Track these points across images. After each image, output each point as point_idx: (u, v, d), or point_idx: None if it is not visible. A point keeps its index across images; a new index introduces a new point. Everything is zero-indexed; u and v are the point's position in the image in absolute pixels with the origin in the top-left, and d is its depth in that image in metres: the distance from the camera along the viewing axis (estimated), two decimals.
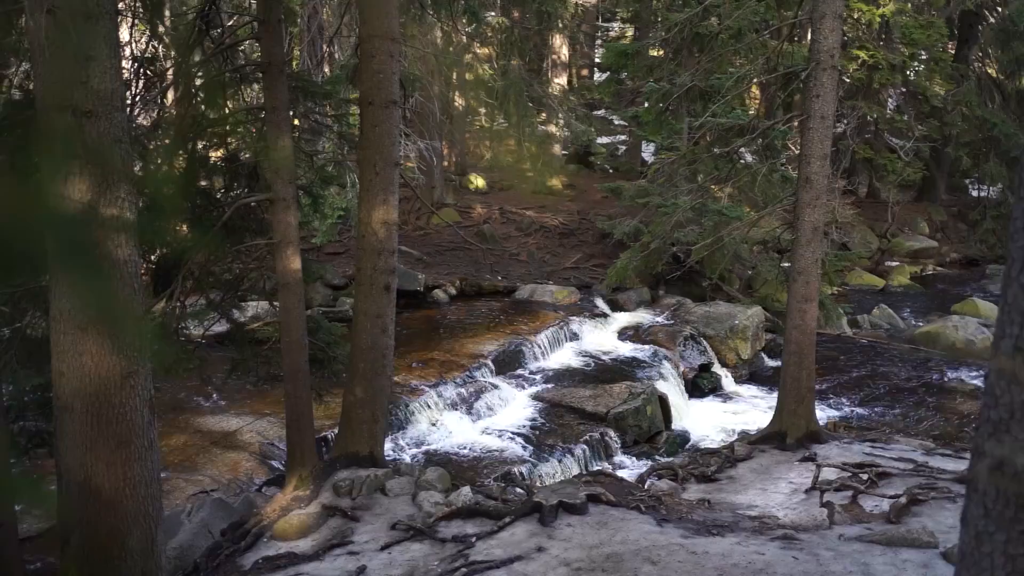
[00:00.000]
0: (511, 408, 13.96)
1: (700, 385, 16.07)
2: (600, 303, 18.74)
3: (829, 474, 9.23)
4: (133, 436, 6.02)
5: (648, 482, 9.99)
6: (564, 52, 26.83)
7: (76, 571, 6.18)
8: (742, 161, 14.43)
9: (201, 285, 9.48)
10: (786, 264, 14.12)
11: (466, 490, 8.33)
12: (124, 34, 9.08)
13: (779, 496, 9.13)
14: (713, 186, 16.19)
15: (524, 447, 12.65)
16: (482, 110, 28.92)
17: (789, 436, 10.84)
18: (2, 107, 8.74)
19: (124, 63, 7.91)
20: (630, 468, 12.42)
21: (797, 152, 12.29)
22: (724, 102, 13.02)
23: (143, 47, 11.33)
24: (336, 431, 10.51)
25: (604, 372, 15.50)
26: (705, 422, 14.61)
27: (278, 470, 11.16)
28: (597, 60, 31.56)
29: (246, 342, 9.70)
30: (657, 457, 12.96)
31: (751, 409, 15.23)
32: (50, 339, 6.09)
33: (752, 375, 17.08)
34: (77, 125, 5.72)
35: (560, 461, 12.28)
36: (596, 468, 12.16)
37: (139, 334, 6.07)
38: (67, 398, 6.06)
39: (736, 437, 13.09)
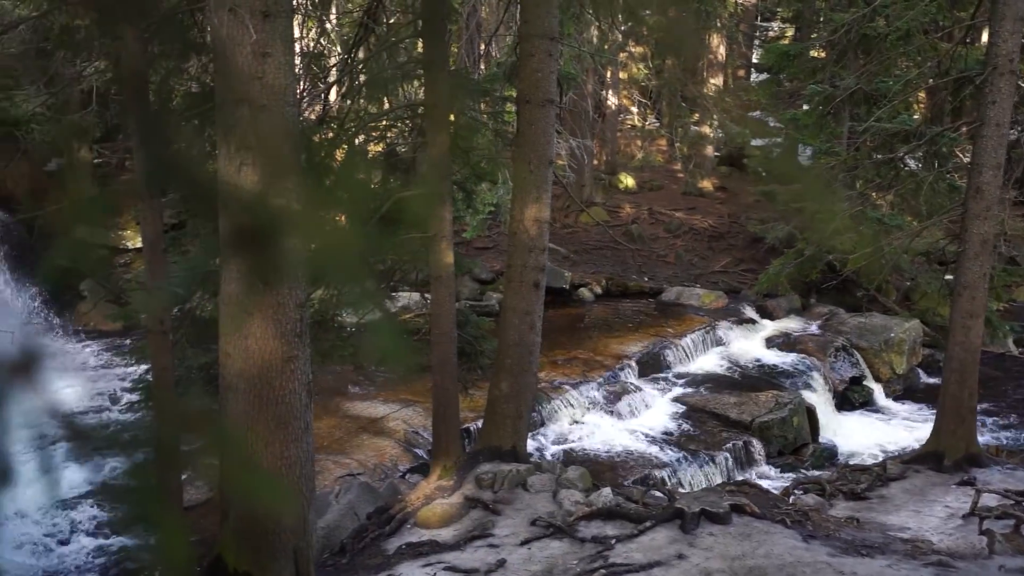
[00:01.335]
0: (653, 411, 13.83)
1: (850, 398, 15.50)
2: (748, 309, 18.32)
3: (989, 500, 8.74)
4: (291, 418, 6.28)
5: (793, 496, 9.72)
6: (721, 52, 26.33)
7: (234, 543, 6.49)
8: (906, 168, 13.80)
9: (355, 273, 9.77)
10: (950, 277, 13.48)
11: (607, 491, 8.30)
12: (294, 31, 9.44)
13: (934, 520, 8.72)
14: (873, 193, 15.56)
15: (665, 451, 12.52)
16: (634, 109, 28.77)
17: (947, 457, 10.33)
18: (182, 99, 9.25)
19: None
20: (773, 480, 12.11)
21: (965, 160, 11.69)
22: (890, 106, 12.49)
23: (312, 44, 11.77)
24: (480, 424, 10.67)
25: (750, 379, 15.15)
26: (854, 437, 14.08)
27: (422, 458, 11.41)
28: (755, 60, 30.85)
29: (398, 332, 9.93)
30: (802, 470, 12.60)
31: (904, 426, 14.58)
32: (218, 321, 6.41)
33: (907, 391, 16.34)
34: (252, 118, 6.00)
35: (701, 468, 12.09)
36: (738, 477, 11.92)
37: (300, 321, 6.31)
38: (232, 378, 6.36)
39: (888, 455, 12.58)
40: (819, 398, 14.55)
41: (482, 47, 19.26)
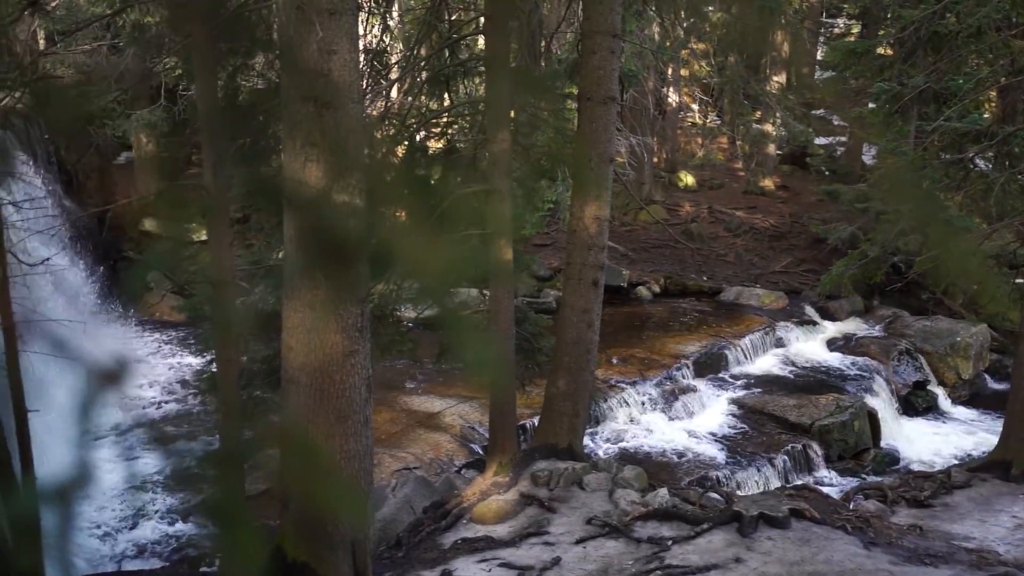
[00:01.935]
0: (710, 411, 13.72)
1: (914, 403, 15.19)
2: (809, 310, 18.06)
3: None
4: (351, 412, 6.35)
5: (854, 501, 9.55)
6: (785, 48, 25.96)
7: (293, 534, 6.59)
8: (976, 169, 13.48)
9: (414, 270, 9.84)
10: (1021, 280, 13.17)
11: (663, 491, 8.25)
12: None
13: (1000, 530, 8.51)
14: (941, 194, 15.22)
15: (722, 452, 12.41)
16: (695, 106, 28.51)
17: (1015, 466, 10.07)
18: (248, 95, 9.40)
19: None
20: (833, 484, 11.93)
21: None
22: (960, 105, 12.20)
23: (375, 41, 11.87)
24: (536, 421, 10.68)
25: (810, 382, 14.94)
26: (917, 443, 13.80)
27: (477, 454, 11.46)
28: (819, 57, 30.34)
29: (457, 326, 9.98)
30: (863, 475, 12.40)
31: (970, 433, 14.25)
32: (282, 315, 6.51)
33: (973, 397, 15.96)
34: (317, 115, 6.07)
35: (759, 470, 11.97)
36: (796, 481, 11.78)
37: (362, 315, 6.38)
38: (294, 371, 6.46)
39: (953, 462, 12.31)
40: (881, 402, 14.30)
41: (543, 44, 19.24)
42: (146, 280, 17.22)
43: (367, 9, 11.60)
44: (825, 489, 10.98)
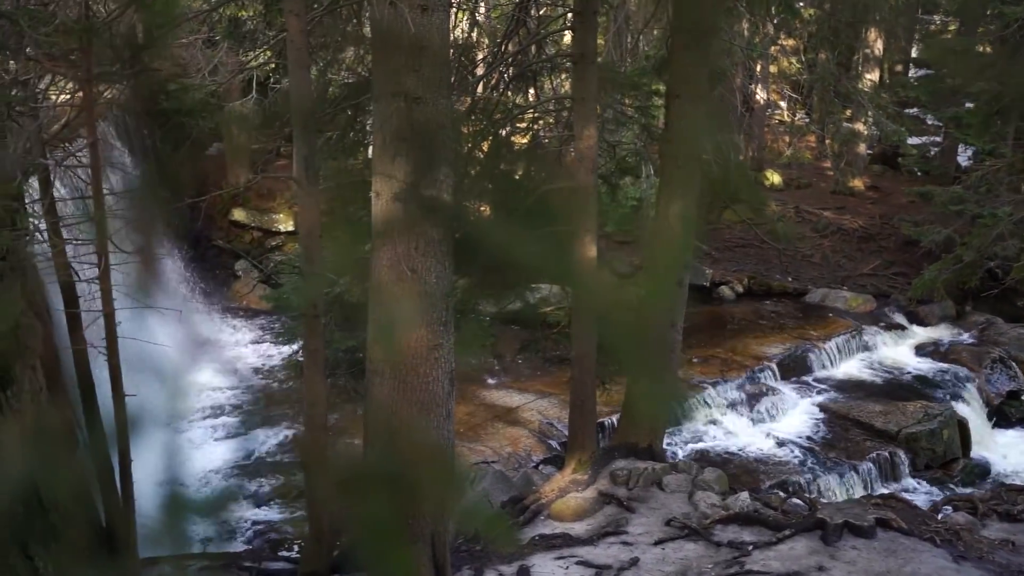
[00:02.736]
0: (793, 415, 13.50)
1: (1007, 413, 14.67)
2: (898, 314, 17.60)
3: None
4: (434, 405, 6.40)
5: (942, 513, 9.28)
6: (878, 46, 25.30)
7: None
8: None
9: (497, 265, 9.87)
10: None
11: (744, 495, 8.15)
12: None
13: None
14: None
15: (804, 457, 12.19)
16: (783, 104, 27.99)
17: None
18: (339, 89, 9.54)
19: None
20: (919, 494, 11.62)
21: None
22: None
23: (463, 36, 11.94)
24: (615, 419, 10.63)
25: (897, 388, 14.58)
26: (1011, 454, 13.35)
27: (555, 450, 11.46)
28: (914, 55, 29.51)
29: (537, 324, 10.01)
30: (951, 486, 12.05)
31: None
32: (368, 307, 6.59)
33: None
34: (407, 110, 6.12)
35: (842, 477, 11.72)
36: (881, 489, 11.50)
37: (446, 309, 6.42)
38: (378, 363, 6.53)
39: None
40: (972, 411, 13.87)
41: (630, 40, 19.09)
42: (234, 269, 17.66)
43: (456, 5, 11.67)
44: (912, 499, 10.71)
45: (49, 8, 4.99)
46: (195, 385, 13.41)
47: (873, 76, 25.40)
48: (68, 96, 6.67)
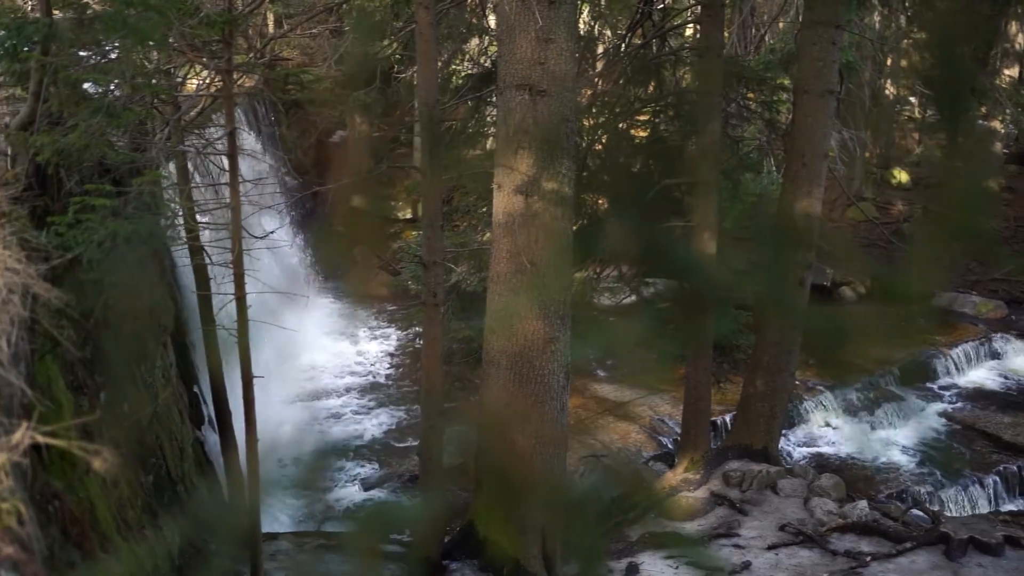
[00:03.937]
0: (914, 422, 13.05)
1: None
2: None
3: None
4: (549, 398, 6.42)
5: None
6: (1019, 40, 24.13)
7: (485, 513, 6.75)
8: None
9: (614, 258, 9.82)
10: None
11: (863, 504, 7.91)
12: None
13: None
14: None
15: (925, 467, 11.77)
16: (914, 99, 26.95)
17: None
18: (462, 80, 9.63)
19: None
20: None
21: None
22: None
23: (584, 28, 11.88)
24: (729, 418, 10.46)
25: None
26: None
27: (666, 447, 11.35)
28: None
29: (653, 318, 9.90)
30: None
31: None
32: (486, 297, 6.65)
33: None
34: (531, 103, 6.14)
35: (965, 489, 11.27)
36: (1009, 505, 11.03)
37: (564, 303, 6.43)
38: (494, 353, 6.59)
39: None
40: None
41: (755, 33, 18.69)
42: (353, 255, 18.03)
43: None
44: None
45: (192, 2, 5.19)
46: (315, 368, 13.79)
47: (1012, 72, 24.28)
48: (201, 84, 6.91)
